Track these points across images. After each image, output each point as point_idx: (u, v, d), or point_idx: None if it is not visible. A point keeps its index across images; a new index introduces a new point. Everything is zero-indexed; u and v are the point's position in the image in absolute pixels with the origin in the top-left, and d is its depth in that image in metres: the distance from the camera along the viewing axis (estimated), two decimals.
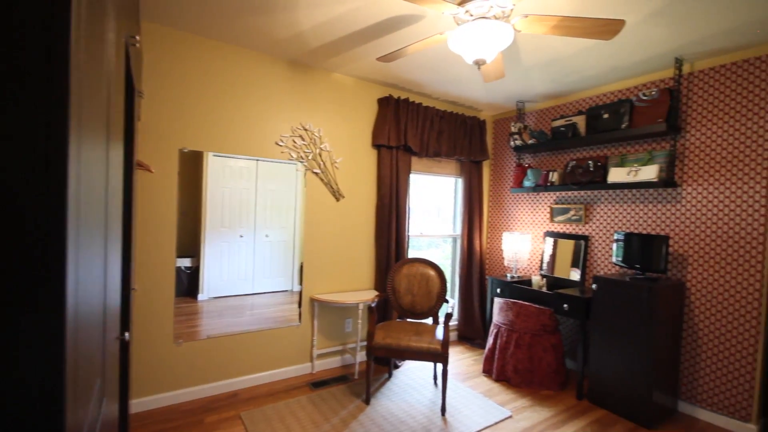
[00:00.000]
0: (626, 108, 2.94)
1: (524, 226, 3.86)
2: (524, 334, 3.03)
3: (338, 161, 3.19)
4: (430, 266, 3.07)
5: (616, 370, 2.65)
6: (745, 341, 2.45)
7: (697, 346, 2.65)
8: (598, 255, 3.25)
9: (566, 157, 3.51)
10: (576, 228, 3.41)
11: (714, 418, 2.57)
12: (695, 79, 2.70)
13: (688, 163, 2.73)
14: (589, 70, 2.91)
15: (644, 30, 2.27)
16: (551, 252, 3.55)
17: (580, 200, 3.39)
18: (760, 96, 2.42)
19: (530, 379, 3.00)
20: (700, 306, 2.65)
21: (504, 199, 4.09)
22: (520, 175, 3.67)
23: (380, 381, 3.00)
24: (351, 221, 3.29)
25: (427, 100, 3.72)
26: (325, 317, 3.20)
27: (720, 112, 2.58)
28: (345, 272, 3.28)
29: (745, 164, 2.47)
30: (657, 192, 2.89)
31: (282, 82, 2.89)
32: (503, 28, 1.75)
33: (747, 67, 2.47)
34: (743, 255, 2.47)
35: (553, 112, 3.62)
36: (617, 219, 3.12)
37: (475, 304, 3.93)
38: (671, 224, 2.81)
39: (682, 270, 2.74)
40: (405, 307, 3.02)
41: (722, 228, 2.56)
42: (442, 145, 3.65)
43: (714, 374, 2.57)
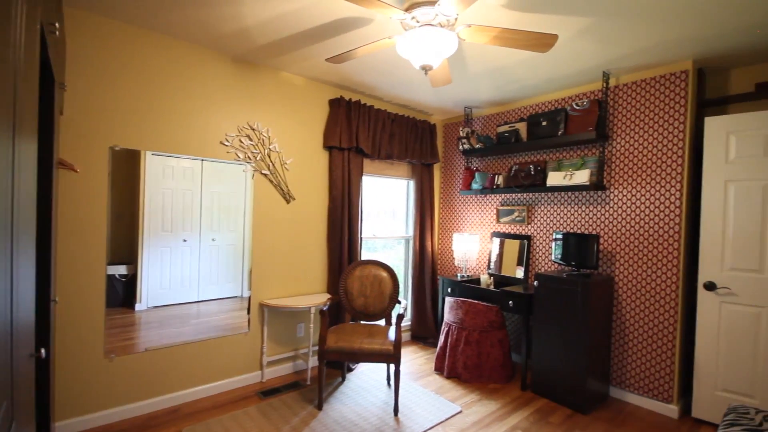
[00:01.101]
0: (562, 116, 3.16)
1: (473, 226, 4.02)
2: (473, 331, 3.14)
3: (288, 162, 3.12)
4: (383, 268, 3.09)
5: (555, 361, 2.83)
6: (665, 329, 2.72)
7: (625, 335, 2.90)
8: (539, 253, 3.45)
9: (510, 161, 3.70)
10: (520, 228, 3.61)
11: (641, 401, 2.82)
12: (620, 91, 2.96)
13: (615, 168, 2.98)
14: (529, 80, 3.09)
15: (575, 45, 2.46)
16: (498, 251, 3.71)
17: (523, 202, 3.59)
18: (674, 108, 2.70)
19: (479, 374, 3.11)
20: (626, 298, 2.90)
21: (454, 201, 4.22)
22: (469, 178, 3.82)
23: (333, 385, 2.97)
24: (302, 224, 3.23)
25: (379, 103, 3.75)
26: (276, 323, 3.10)
27: (641, 122, 2.85)
28: (296, 276, 3.20)
29: (662, 169, 2.75)
30: (589, 194, 3.13)
31: (227, 79, 2.78)
32: (448, 36, 1.81)
33: (663, 81, 2.75)
34: (662, 251, 2.74)
35: (498, 119, 3.80)
36: (556, 219, 3.34)
37: (428, 304, 4.01)
38: (601, 224, 3.05)
39: (611, 266, 2.99)
40: (358, 309, 3.01)
41: (644, 227, 2.82)
42: (394, 148, 3.70)
43: (640, 360, 2.83)
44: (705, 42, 2.37)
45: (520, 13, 2.10)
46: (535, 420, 2.58)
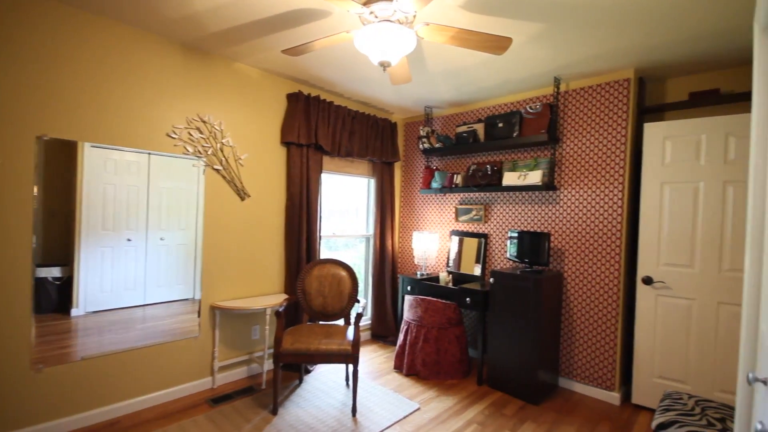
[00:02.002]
0: (517, 119, 3.27)
1: (433, 225, 4.06)
2: (432, 328, 3.18)
3: (243, 158, 2.99)
4: (342, 267, 3.05)
5: (509, 355, 2.92)
6: (608, 321, 2.88)
7: (573, 328, 3.05)
8: (496, 251, 3.56)
9: (469, 161, 3.78)
10: (477, 227, 3.69)
11: (586, 389, 2.98)
12: (569, 96, 3.11)
13: (564, 169, 3.13)
14: (486, 82, 3.17)
15: (529, 50, 2.54)
16: (457, 249, 3.78)
17: (480, 201, 3.68)
18: (617, 114, 2.87)
19: (437, 371, 3.15)
20: (574, 293, 3.05)
21: (414, 199, 4.25)
22: (429, 177, 3.86)
23: (290, 388, 2.88)
24: (258, 222, 3.11)
25: (339, 99, 3.69)
26: (229, 326, 2.97)
27: (588, 126, 3.01)
28: (252, 276, 3.08)
29: (606, 171, 2.92)
30: (541, 194, 3.27)
31: (175, 67, 2.61)
32: (406, 33, 1.80)
33: (608, 89, 2.92)
34: (606, 248, 2.90)
35: (457, 119, 3.87)
36: (511, 218, 3.45)
37: (388, 303, 4.01)
38: (552, 222, 3.19)
39: (561, 262, 3.13)
40: (316, 309, 2.95)
41: (590, 225, 2.98)
42: (354, 145, 3.66)
43: (585, 351, 2.99)
44: (646, 52, 2.53)
45: (477, 15, 2.13)
46: (490, 413, 2.65)
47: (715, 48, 2.43)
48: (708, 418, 1.74)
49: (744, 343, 1.42)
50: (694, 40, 2.33)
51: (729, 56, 2.54)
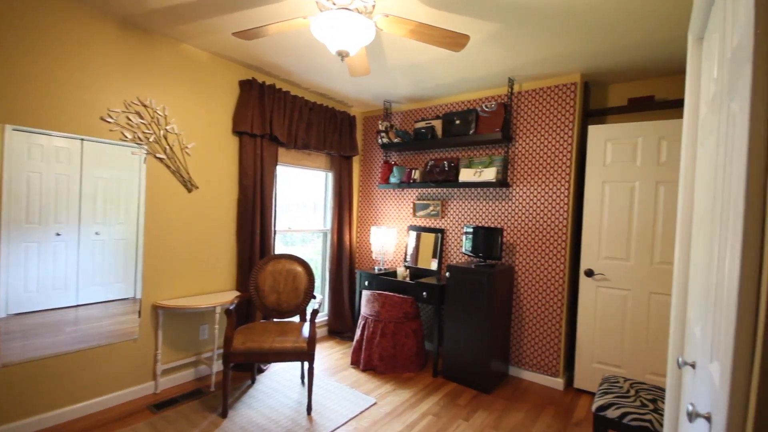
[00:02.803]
0: (473, 117, 3.34)
1: (391, 220, 4.07)
2: (389, 322, 3.19)
3: (190, 147, 2.80)
4: (297, 262, 2.96)
5: (463, 347, 3.00)
6: (554, 312, 3.05)
7: (522, 318, 3.20)
8: (452, 246, 3.63)
9: (427, 157, 3.82)
10: (435, 222, 3.75)
11: (534, 377, 3.14)
12: (522, 97, 3.23)
13: (517, 167, 3.25)
14: (444, 79, 3.20)
15: (485, 49, 2.60)
16: (414, 244, 3.82)
17: (437, 197, 3.73)
18: (564, 116, 3.02)
19: (394, 365, 3.17)
20: (524, 285, 3.19)
21: (372, 194, 4.24)
22: (387, 172, 3.85)
23: (242, 389, 2.77)
24: (207, 215, 2.94)
25: (296, 90, 3.57)
26: (174, 326, 2.79)
27: (539, 127, 3.14)
28: (200, 273, 2.91)
29: (554, 170, 3.07)
30: (495, 191, 3.37)
31: (111, 45, 2.38)
32: (365, 23, 1.76)
33: (557, 91, 3.06)
34: (553, 243, 3.06)
35: (416, 115, 3.90)
36: (467, 214, 3.54)
37: (345, 298, 3.97)
38: (505, 218, 3.31)
39: (513, 256, 3.26)
40: (270, 306, 2.84)
41: (539, 221, 3.13)
42: (311, 138, 3.56)
43: (534, 340, 3.14)
44: (591, 58, 2.68)
45: (436, 10, 2.14)
46: (444, 404, 2.70)
47: (652, 56, 2.62)
48: (641, 399, 1.88)
49: (673, 329, 1.55)
50: (634, 48, 2.50)
51: (664, 65, 2.76)
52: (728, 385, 0.56)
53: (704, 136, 1.33)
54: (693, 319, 1.27)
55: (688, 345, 1.31)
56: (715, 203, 0.99)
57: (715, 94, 1.14)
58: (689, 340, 1.30)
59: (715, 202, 0.99)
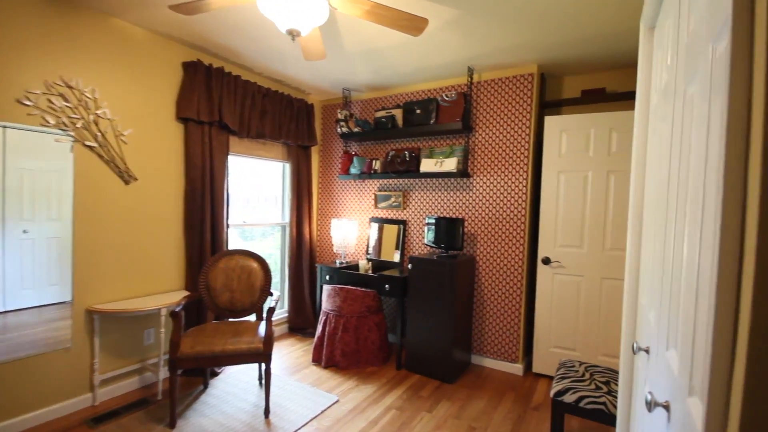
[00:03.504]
0: (434, 106, 3.30)
1: (352, 212, 3.97)
2: (351, 317, 3.11)
3: (126, 134, 2.54)
4: (252, 258, 2.79)
5: (426, 338, 2.99)
6: (513, 299, 3.10)
7: (483, 307, 3.23)
8: (414, 237, 3.60)
9: (387, 147, 3.74)
10: (396, 213, 3.69)
11: (495, 364, 3.20)
12: (482, 87, 3.22)
13: (477, 157, 3.26)
14: (404, 67, 3.12)
15: (444, 36, 2.54)
16: (376, 236, 3.75)
17: (399, 188, 3.67)
18: (522, 107, 3.05)
19: (357, 359, 3.10)
20: (485, 274, 3.22)
21: (333, 185, 4.11)
22: (347, 163, 3.74)
23: (193, 395, 2.59)
24: (149, 209, 2.69)
25: (249, 75, 3.35)
26: (115, 331, 2.54)
27: (498, 117, 3.15)
28: (142, 272, 2.67)
29: (513, 160, 3.10)
30: (456, 181, 3.37)
31: (28, 17, 2.07)
32: (317, 0, 1.63)
33: (515, 81, 3.08)
34: (512, 232, 3.10)
35: (376, 104, 3.80)
36: (429, 204, 3.51)
37: (306, 293, 3.84)
38: (466, 208, 3.32)
39: (474, 246, 3.28)
40: (223, 305, 2.66)
41: (499, 211, 3.16)
42: (266, 126, 3.36)
43: (495, 329, 3.19)
44: (547, 49, 2.70)
45: None
46: (408, 397, 2.68)
47: (604, 49, 2.68)
48: (596, 382, 1.94)
49: (626, 314, 1.58)
50: (588, 40, 2.54)
51: (615, 58, 2.84)
52: (707, 382, 0.52)
53: (656, 124, 1.35)
54: (646, 305, 1.30)
55: (641, 329, 1.34)
56: (670, 189, 0.99)
57: (668, 82, 1.14)
58: (642, 325, 1.32)
59: (670, 187, 0.99)
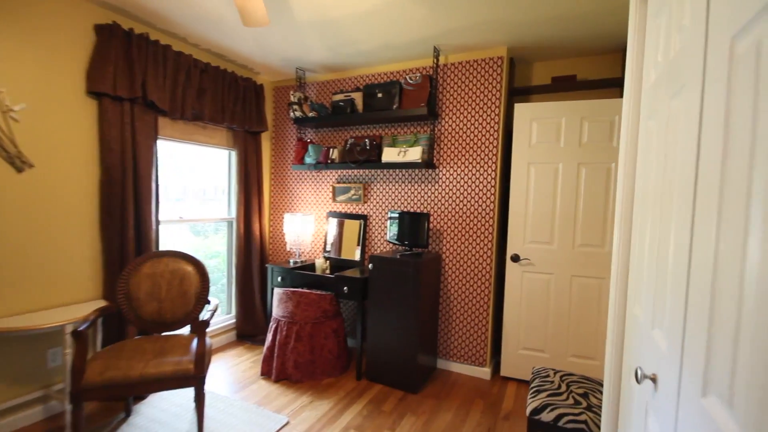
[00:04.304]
0: (397, 89, 3.00)
1: (308, 206, 3.61)
2: (305, 324, 2.77)
3: (17, 109, 2.03)
4: (186, 260, 2.38)
5: (389, 343, 2.72)
6: (481, 300, 2.90)
7: (450, 308, 3.02)
8: (376, 233, 3.31)
9: (346, 134, 3.41)
10: (357, 207, 3.38)
11: (462, 368, 2.99)
12: (448, 70, 2.96)
13: (443, 147, 3.01)
14: (364, 44, 2.80)
15: (408, 7, 2.24)
16: (335, 233, 3.42)
17: (359, 179, 3.36)
18: (491, 92, 2.83)
19: (312, 371, 2.78)
20: (451, 273, 3.00)
21: (286, 176, 3.72)
22: (301, 151, 3.37)
23: (111, 425, 2.16)
24: (52, 204, 2.20)
25: (183, 45, 2.88)
26: (10, 354, 2.05)
27: (465, 103, 2.91)
28: (44, 280, 2.18)
29: (481, 150, 2.88)
30: (421, 172, 3.11)
31: None
32: None
33: (483, 65, 2.85)
34: (480, 227, 2.89)
35: (334, 86, 3.44)
36: (391, 198, 3.23)
37: (256, 296, 3.45)
38: (432, 202, 3.07)
39: (440, 243, 3.04)
40: (148, 317, 2.24)
41: (466, 205, 2.93)
42: (205, 107, 2.92)
43: (461, 331, 2.98)
44: (519, 28, 2.47)
45: None
46: (368, 412, 2.40)
47: (578, 31, 2.50)
48: (574, 396, 1.75)
49: (613, 328, 1.38)
50: (561, 19, 2.34)
51: (588, 43, 2.68)
52: None
53: (658, 104, 1.13)
54: (645, 321, 1.09)
55: (638, 348, 1.12)
56: (704, 177, 0.76)
57: (682, 49, 0.92)
58: (640, 344, 1.11)
59: (702, 176, 0.76)
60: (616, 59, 2.83)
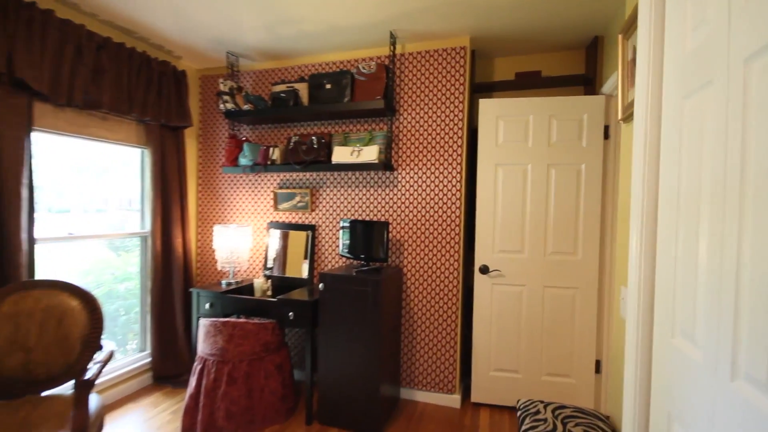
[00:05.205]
0: (348, 80, 2.61)
1: (245, 215, 3.07)
2: (240, 362, 2.24)
3: None
4: (69, 291, 1.77)
5: (346, 375, 2.28)
6: (448, 318, 2.58)
7: (414, 330, 2.65)
8: (326, 246, 2.86)
9: (289, 132, 2.94)
10: (303, 216, 2.91)
11: (429, 397, 2.63)
12: (406, 61, 2.64)
13: (402, 146, 2.67)
14: (308, 24, 2.38)
15: None
16: (280, 246, 2.92)
17: (305, 184, 2.90)
18: (454, 86, 2.54)
19: (250, 420, 2.25)
20: (414, 290, 2.64)
21: (217, 181, 3.14)
22: (235, 150, 2.83)
23: None
24: None
25: (72, 13, 2.25)
26: None
27: (425, 98, 2.60)
28: None
29: (445, 150, 2.57)
30: (378, 175, 2.73)
31: None
32: None
33: (445, 56, 2.56)
34: (445, 237, 2.58)
35: (274, 76, 2.96)
36: (344, 205, 2.81)
37: (178, 328, 2.83)
38: (390, 209, 2.70)
39: (400, 256, 2.68)
40: (9, 374, 1.60)
41: (429, 212, 2.61)
42: (103, 92, 2.30)
43: (427, 355, 2.62)
44: (480, 13, 2.21)
45: None
46: None
47: (541, 21, 2.29)
48: None
49: (634, 362, 1.09)
50: (524, 4, 2.11)
51: (551, 37, 2.49)
52: None
53: (697, 87, 0.86)
54: (704, 358, 0.78)
55: (685, 393, 0.80)
56: None
57: None
58: (697, 391, 0.81)
59: None
60: (580, 55, 2.69)
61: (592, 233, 2.42)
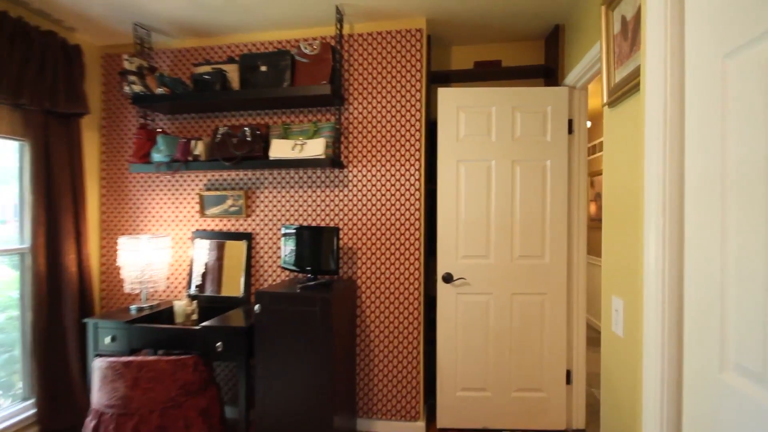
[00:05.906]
0: (287, 62, 2.23)
1: (164, 224, 2.54)
2: (150, 413, 1.75)
3: None
4: None
5: (290, 411, 1.88)
6: (410, 335, 2.27)
7: (370, 351, 2.30)
8: (265, 258, 2.43)
9: (217, 122, 2.47)
10: (237, 223, 2.46)
11: (390, 426, 2.29)
12: (355, 43, 2.31)
13: (352, 140, 2.33)
14: None
15: None
16: (207, 260, 2.43)
17: (238, 184, 2.45)
18: (410, 72, 2.26)
19: None
20: (370, 305, 2.30)
21: (126, 183, 2.58)
22: (146, 144, 2.31)
23: None
24: None
25: None
26: None
27: (378, 85, 2.29)
28: None
29: (401, 144, 2.28)
30: (325, 174, 2.36)
31: None
32: None
33: (399, 38, 2.27)
34: (404, 243, 2.27)
35: (198, 55, 2.49)
36: (285, 208, 2.40)
37: (73, 369, 2.23)
38: (341, 213, 2.34)
39: (353, 266, 2.33)
40: None
41: (385, 215, 2.29)
42: None
43: (386, 379, 2.29)
44: None
45: None
46: None
47: (501, 4, 2.08)
48: None
49: (658, 391, 0.84)
50: None
51: (510, 24, 2.30)
52: None
53: None
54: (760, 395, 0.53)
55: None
56: None
57: None
58: None
59: None
60: (539, 46, 2.54)
61: (560, 234, 2.25)
